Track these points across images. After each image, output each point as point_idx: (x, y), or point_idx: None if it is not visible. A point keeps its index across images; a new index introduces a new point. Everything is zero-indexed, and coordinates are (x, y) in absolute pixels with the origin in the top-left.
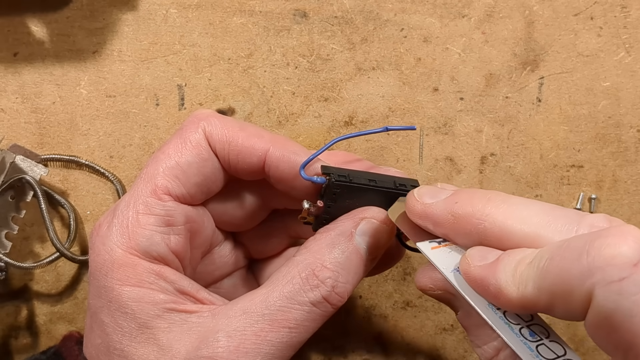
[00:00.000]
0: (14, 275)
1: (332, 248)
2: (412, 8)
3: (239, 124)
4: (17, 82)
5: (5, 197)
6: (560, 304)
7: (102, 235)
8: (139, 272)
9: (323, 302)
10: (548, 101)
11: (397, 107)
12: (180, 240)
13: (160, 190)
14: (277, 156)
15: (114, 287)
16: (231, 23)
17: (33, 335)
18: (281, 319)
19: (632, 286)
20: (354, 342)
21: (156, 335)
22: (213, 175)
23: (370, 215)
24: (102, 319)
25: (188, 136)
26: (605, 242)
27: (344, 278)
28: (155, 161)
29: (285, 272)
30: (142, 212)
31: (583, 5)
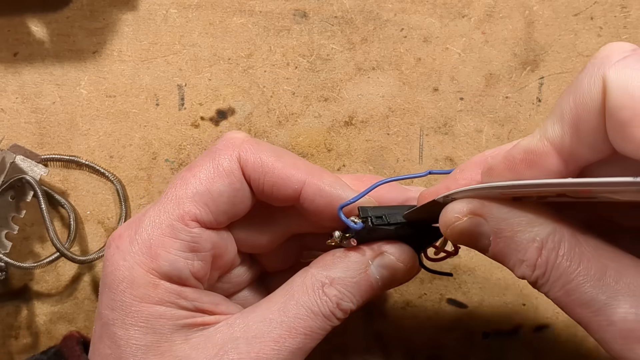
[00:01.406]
0: (14, 275)
1: (346, 270)
2: (412, 8)
3: (274, 153)
4: (17, 82)
5: (5, 197)
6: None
7: (123, 250)
8: (160, 292)
9: (331, 314)
10: (548, 101)
11: (397, 107)
12: (203, 266)
13: (189, 216)
14: (314, 190)
15: (132, 304)
16: (231, 23)
17: (33, 335)
18: (298, 326)
19: (636, 60)
20: (354, 342)
21: (172, 347)
22: (242, 203)
23: (391, 252)
24: (115, 332)
25: (222, 162)
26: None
27: (348, 299)
28: (184, 183)
29: (301, 282)
30: (167, 235)
31: (583, 5)
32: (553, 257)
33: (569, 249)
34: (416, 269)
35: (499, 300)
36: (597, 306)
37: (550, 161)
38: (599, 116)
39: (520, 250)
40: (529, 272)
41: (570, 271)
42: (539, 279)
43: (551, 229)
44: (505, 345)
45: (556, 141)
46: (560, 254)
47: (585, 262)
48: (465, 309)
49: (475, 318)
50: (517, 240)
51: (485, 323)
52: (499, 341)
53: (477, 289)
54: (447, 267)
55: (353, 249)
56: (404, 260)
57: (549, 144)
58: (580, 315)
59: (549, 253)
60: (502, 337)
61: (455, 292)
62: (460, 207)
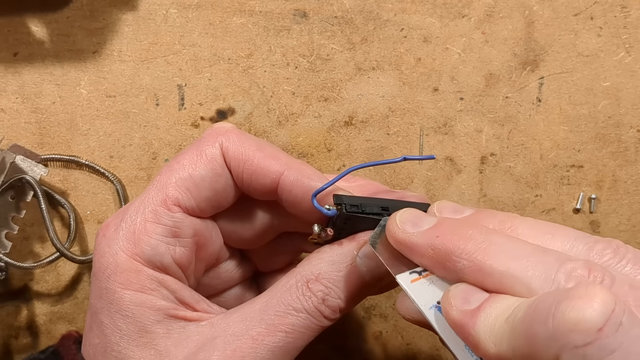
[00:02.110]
0: (14, 275)
1: (331, 264)
2: (412, 8)
3: (256, 143)
4: (17, 82)
5: (5, 197)
6: None
7: (109, 238)
8: (142, 279)
9: (316, 311)
10: (548, 101)
11: (397, 107)
12: (185, 252)
13: (171, 200)
14: (291, 180)
15: (115, 290)
16: (231, 23)
17: (33, 335)
18: (277, 323)
19: (597, 351)
20: (354, 342)
21: (154, 340)
22: (225, 191)
23: None
24: (102, 320)
25: (204, 149)
26: (570, 305)
27: (335, 294)
28: (169, 170)
29: (285, 281)
30: (150, 220)
31: (583, 5)
32: None
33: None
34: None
35: None
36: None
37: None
38: None
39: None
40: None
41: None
42: None
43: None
44: None
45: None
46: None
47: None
48: None
49: None
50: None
51: None
52: None
53: None
54: None
55: (338, 243)
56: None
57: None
58: None
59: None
60: None
61: None
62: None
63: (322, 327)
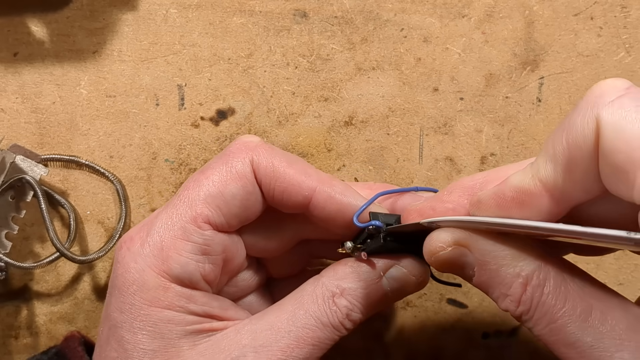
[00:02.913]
0: (14, 275)
1: (358, 281)
2: (412, 8)
3: (286, 159)
4: (17, 82)
5: (5, 197)
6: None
7: (134, 252)
8: (170, 296)
9: (340, 326)
10: (548, 101)
11: (397, 107)
12: (214, 269)
13: (201, 218)
14: (325, 197)
15: (142, 307)
16: (231, 23)
17: (33, 335)
18: (306, 336)
19: (631, 100)
20: (354, 342)
21: (180, 354)
22: (254, 207)
23: (404, 264)
24: (123, 335)
25: (235, 165)
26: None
27: (358, 309)
28: (197, 185)
29: (311, 291)
30: (179, 237)
31: (583, 5)
32: (538, 294)
33: (554, 287)
34: (426, 282)
35: None
36: (582, 348)
37: (542, 202)
38: (592, 157)
39: (504, 284)
40: (512, 307)
41: (556, 310)
42: (523, 314)
43: (536, 266)
44: (504, 345)
45: (549, 182)
46: (545, 291)
47: (571, 301)
48: (465, 309)
49: (475, 318)
50: (501, 274)
51: (485, 323)
52: (499, 341)
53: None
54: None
55: (364, 260)
56: (417, 274)
57: (540, 184)
58: (565, 354)
59: (534, 290)
60: (502, 337)
61: (455, 292)
62: (445, 236)
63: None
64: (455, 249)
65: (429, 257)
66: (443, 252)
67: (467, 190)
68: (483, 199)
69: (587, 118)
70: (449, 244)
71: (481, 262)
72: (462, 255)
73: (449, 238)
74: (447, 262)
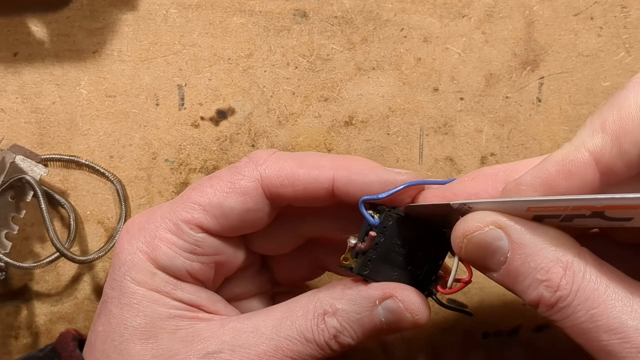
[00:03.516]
0: (14, 275)
1: (352, 304)
2: (412, 8)
3: (295, 160)
4: (17, 82)
5: (5, 197)
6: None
7: (131, 235)
8: (157, 280)
9: (325, 345)
10: (548, 101)
11: (397, 107)
12: (203, 268)
13: (195, 222)
14: (344, 183)
15: (130, 285)
16: (231, 23)
17: (33, 335)
18: (286, 348)
19: None
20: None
21: (159, 335)
22: (257, 220)
23: (401, 298)
24: (111, 309)
25: (239, 180)
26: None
27: (348, 333)
28: (201, 189)
29: (305, 304)
30: (172, 232)
31: (583, 5)
32: (579, 278)
33: (595, 272)
34: (423, 322)
35: (499, 300)
36: (627, 332)
37: (589, 172)
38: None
39: (541, 269)
40: (548, 293)
41: (598, 294)
42: (561, 301)
43: (576, 252)
44: (505, 345)
45: (596, 150)
46: (587, 276)
47: (612, 286)
48: (465, 309)
49: (475, 318)
50: (538, 258)
51: (485, 323)
52: (499, 341)
53: (477, 289)
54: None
55: (365, 284)
56: (413, 311)
57: (588, 153)
58: (605, 342)
59: (575, 274)
60: (502, 337)
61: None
62: (483, 216)
63: (328, 357)
64: (491, 230)
65: (461, 239)
66: (479, 232)
67: (489, 177)
68: (524, 181)
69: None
70: (487, 223)
71: (517, 246)
72: (497, 238)
73: (487, 218)
74: (481, 245)
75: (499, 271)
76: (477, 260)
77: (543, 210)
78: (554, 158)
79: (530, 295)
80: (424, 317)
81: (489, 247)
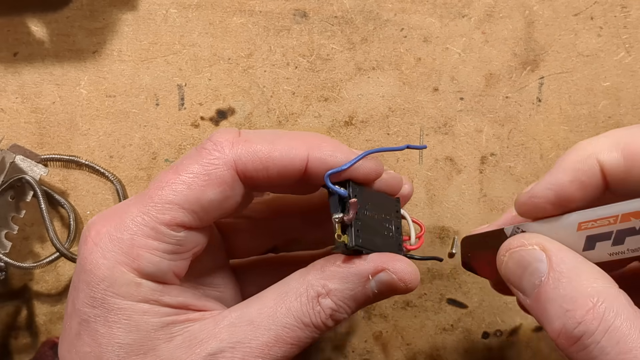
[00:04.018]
0: (14, 275)
1: (344, 282)
2: (412, 8)
3: (266, 142)
4: (17, 82)
5: (5, 197)
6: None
7: (103, 248)
8: (143, 291)
9: (322, 325)
10: (548, 101)
11: (397, 107)
12: (185, 263)
13: (175, 222)
14: (317, 164)
15: (115, 302)
16: (231, 23)
17: (33, 335)
18: (286, 336)
19: None
20: (354, 342)
21: (156, 347)
22: (230, 208)
23: (394, 270)
24: (97, 329)
25: (213, 171)
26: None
27: (344, 310)
28: (172, 187)
29: (296, 288)
30: (151, 237)
31: (583, 5)
32: (610, 317)
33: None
34: (414, 287)
35: (499, 300)
36: None
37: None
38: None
39: (569, 299)
40: (572, 323)
41: (631, 340)
42: (586, 336)
43: (613, 291)
44: (504, 345)
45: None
46: (619, 318)
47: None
48: (465, 309)
49: (475, 318)
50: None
51: (485, 323)
52: (499, 341)
53: (477, 289)
54: (448, 268)
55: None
56: (406, 280)
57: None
58: None
59: (606, 312)
60: (502, 337)
61: (455, 292)
62: (530, 236)
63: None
64: (534, 249)
65: (504, 252)
66: (522, 248)
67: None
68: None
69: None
70: (532, 243)
71: (554, 272)
72: (537, 259)
73: (534, 239)
74: (521, 262)
75: (531, 295)
76: (514, 278)
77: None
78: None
79: (553, 324)
80: (416, 282)
81: (529, 266)
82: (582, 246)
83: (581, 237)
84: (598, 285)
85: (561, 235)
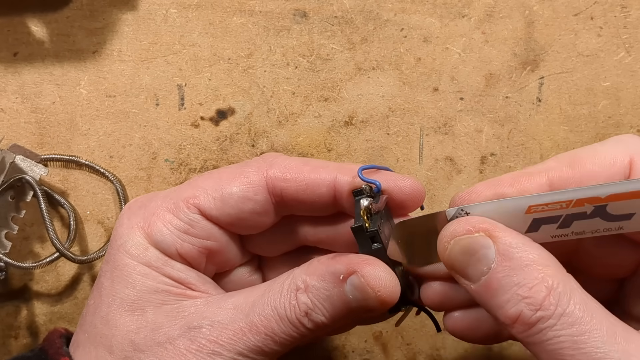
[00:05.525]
0: (14, 275)
1: (321, 279)
2: (412, 8)
3: (302, 159)
4: (17, 82)
5: (5, 197)
6: None
7: (131, 211)
8: (149, 255)
9: (297, 322)
10: (548, 101)
11: (397, 107)
12: (193, 250)
13: (193, 202)
14: (347, 181)
15: (122, 258)
16: (231, 23)
17: (33, 335)
18: (260, 324)
19: None
20: (354, 342)
21: (146, 308)
22: (253, 218)
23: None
24: (103, 282)
25: (246, 171)
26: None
27: (320, 310)
28: (209, 177)
29: (281, 280)
30: (169, 210)
31: (583, 5)
32: (564, 302)
33: (580, 300)
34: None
35: None
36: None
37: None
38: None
39: (524, 286)
40: (529, 310)
41: (584, 322)
42: (542, 321)
43: (563, 276)
44: (505, 345)
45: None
46: (572, 302)
47: (597, 316)
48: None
49: None
50: (522, 274)
51: None
52: None
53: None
54: None
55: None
56: (374, 286)
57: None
58: None
59: (561, 297)
60: None
61: None
62: (477, 221)
63: (306, 336)
64: (481, 236)
65: (448, 239)
66: (468, 236)
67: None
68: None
69: None
70: (478, 229)
71: (503, 258)
72: (484, 247)
73: (481, 224)
74: (466, 249)
75: (478, 282)
76: (459, 266)
77: (545, 210)
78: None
79: (508, 311)
80: (388, 292)
81: (474, 255)
82: (526, 228)
83: (527, 220)
84: (550, 271)
85: (506, 217)
